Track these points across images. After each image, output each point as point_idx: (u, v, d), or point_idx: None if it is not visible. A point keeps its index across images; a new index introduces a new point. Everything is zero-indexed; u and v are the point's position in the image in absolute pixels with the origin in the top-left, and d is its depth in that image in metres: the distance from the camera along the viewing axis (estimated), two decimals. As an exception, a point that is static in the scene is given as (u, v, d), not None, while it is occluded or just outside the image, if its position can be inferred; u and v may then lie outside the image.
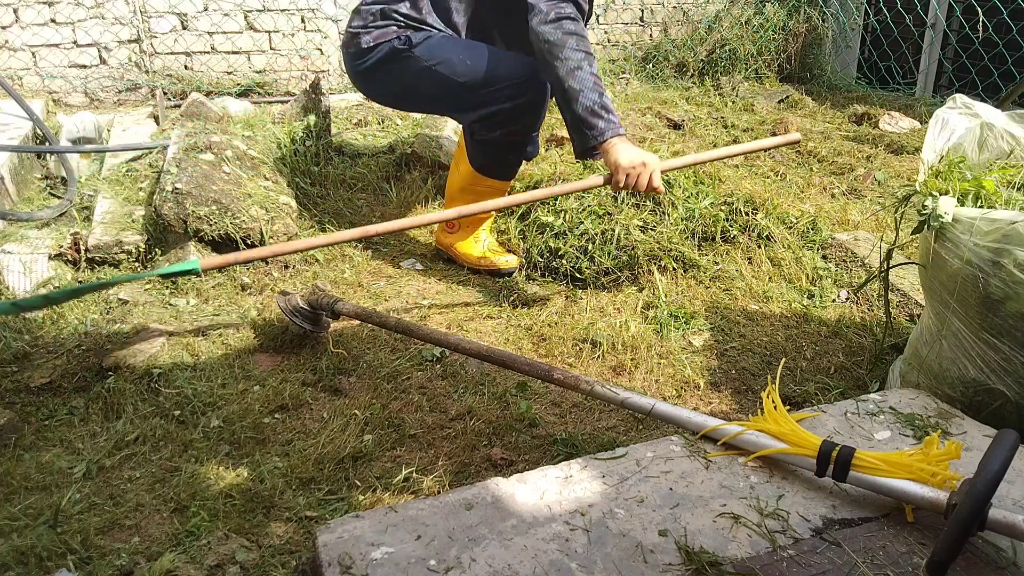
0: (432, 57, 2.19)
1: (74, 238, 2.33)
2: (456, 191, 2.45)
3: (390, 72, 2.26)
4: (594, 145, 1.95)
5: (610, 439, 1.67)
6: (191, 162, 2.42)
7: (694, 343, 2.08)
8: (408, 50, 2.20)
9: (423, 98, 2.32)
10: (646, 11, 5.07)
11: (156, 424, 1.65)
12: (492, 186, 2.41)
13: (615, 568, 1.01)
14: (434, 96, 2.27)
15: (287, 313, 1.94)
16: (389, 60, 2.22)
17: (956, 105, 1.72)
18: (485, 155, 2.33)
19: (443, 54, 2.19)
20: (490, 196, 2.39)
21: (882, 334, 2.02)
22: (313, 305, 1.93)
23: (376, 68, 2.25)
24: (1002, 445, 1.03)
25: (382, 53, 2.22)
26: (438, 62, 2.18)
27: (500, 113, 2.20)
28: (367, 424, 1.70)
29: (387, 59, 2.22)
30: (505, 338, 2.10)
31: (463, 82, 2.17)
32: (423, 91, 2.26)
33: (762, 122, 3.87)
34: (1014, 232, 1.32)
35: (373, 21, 2.23)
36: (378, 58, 2.23)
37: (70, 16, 3.81)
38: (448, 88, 2.19)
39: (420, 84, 2.24)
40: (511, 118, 2.21)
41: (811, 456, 1.17)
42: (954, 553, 0.99)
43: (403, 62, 2.21)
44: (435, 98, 2.30)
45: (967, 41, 4.30)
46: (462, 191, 2.43)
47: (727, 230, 2.45)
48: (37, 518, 1.38)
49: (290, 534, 1.38)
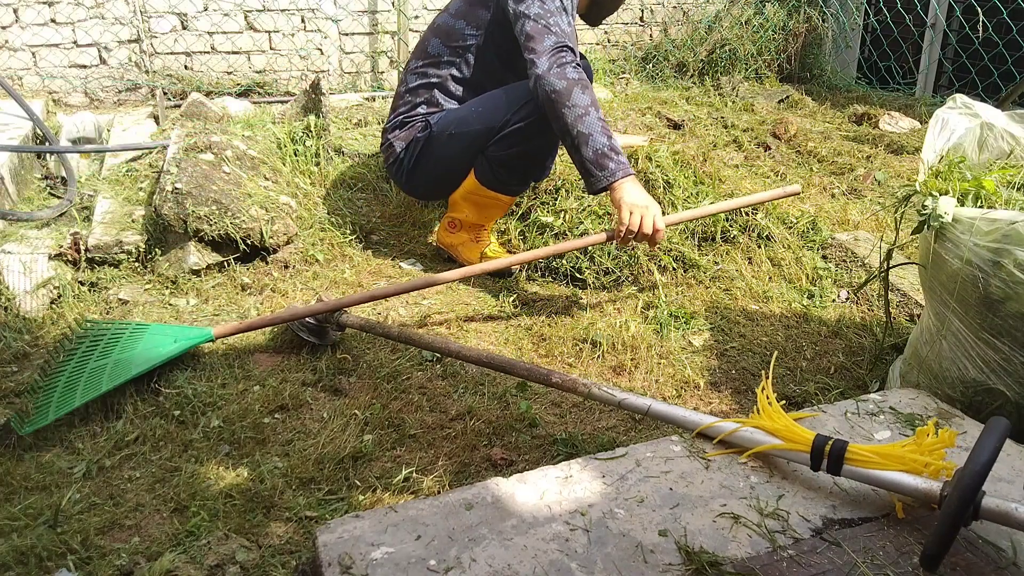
0: (448, 124, 2.35)
1: (74, 238, 2.33)
2: (458, 196, 2.46)
3: (425, 161, 2.43)
4: (606, 186, 2.01)
5: (610, 439, 1.67)
6: (191, 162, 2.42)
7: (694, 343, 2.08)
8: (428, 133, 2.38)
9: (457, 163, 2.41)
10: (646, 11, 5.07)
11: (156, 424, 1.65)
12: (496, 198, 2.41)
13: (615, 568, 1.01)
14: (464, 155, 2.38)
15: (293, 327, 1.95)
16: (421, 151, 2.40)
17: (956, 105, 1.72)
18: (493, 172, 2.35)
19: (456, 116, 2.36)
20: (493, 206, 2.45)
21: (882, 334, 2.02)
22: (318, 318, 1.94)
23: (416, 164, 2.43)
24: (992, 433, 1.02)
25: (416, 149, 2.41)
26: (455, 126, 2.35)
27: (515, 133, 2.25)
28: (367, 424, 1.70)
29: (419, 151, 2.40)
30: (505, 338, 2.10)
31: (480, 129, 2.30)
32: (455, 157, 2.39)
33: (762, 122, 3.87)
34: (1014, 232, 1.32)
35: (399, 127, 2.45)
36: (414, 154, 2.42)
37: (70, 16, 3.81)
38: (471, 140, 2.32)
39: (449, 154, 2.38)
40: (526, 137, 2.26)
41: (805, 451, 1.17)
42: (946, 545, 0.99)
43: (429, 145, 2.39)
44: (466, 156, 2.38)
45: (967, 41, 4.30)
46: (465, 199, 2.44)
47: (727, 230, 2.45)
48: (37, 518, 1.38)
49: (290, 534, 1.38)
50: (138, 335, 1.88)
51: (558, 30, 2.09)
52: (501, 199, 2.42)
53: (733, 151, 3.49)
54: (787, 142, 3.61)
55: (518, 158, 2.30)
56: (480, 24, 2.36)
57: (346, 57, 4.35)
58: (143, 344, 1.84)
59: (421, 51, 2.46)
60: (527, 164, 2.34)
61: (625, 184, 1.99)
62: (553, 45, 2.07)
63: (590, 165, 2.01)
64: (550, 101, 2.04)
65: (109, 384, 1.69)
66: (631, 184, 1.99)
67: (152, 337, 1.87)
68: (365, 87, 4.40)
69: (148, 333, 1.89)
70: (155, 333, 1.89)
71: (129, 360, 1.78)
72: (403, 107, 2.47)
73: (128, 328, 1.91)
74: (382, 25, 4.34)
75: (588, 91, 2.04)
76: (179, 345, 1.83)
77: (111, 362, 1.77)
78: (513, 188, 2.40)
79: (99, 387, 1.68)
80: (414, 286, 2.02)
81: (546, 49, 2.06)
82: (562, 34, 2.10)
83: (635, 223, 1.95)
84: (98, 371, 1.75)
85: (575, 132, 2.01)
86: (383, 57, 4.40)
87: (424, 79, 2.43)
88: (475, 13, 2.36)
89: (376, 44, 4.38)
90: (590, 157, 2.00)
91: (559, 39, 2.08)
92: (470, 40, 2.38)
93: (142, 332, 1.90)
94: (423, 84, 2.43)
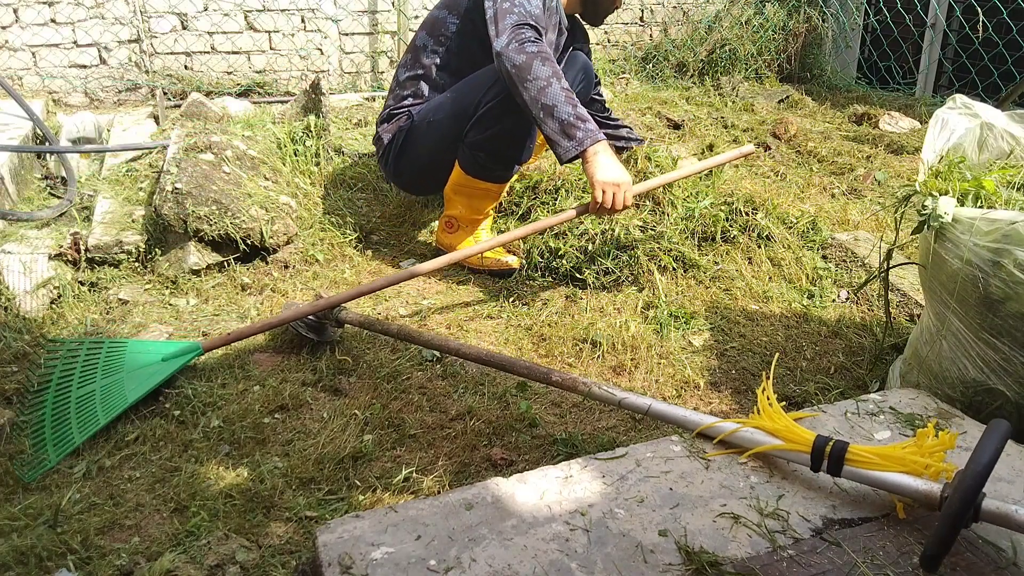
0: (427, 113, 2.40)
1: (74, 238, 2.33)
2: (450, 191, 2.46)
3: (409, 151, 2.45)
4: (576, 155, 2.01)
5: (610, 439, 1.67)
6: (191, 162, 2.42)
7: (694, 343, 2.08)
8: (411, 124, 2.43)
9: (438, 151, 2.41)
10: (646, 11, 5.07)
11: (156, 424, 1.65)
12: (486, 188, 2.42)
13: (615, 568, 1.01)
14: (443, 143, 2.38)
15: (291, 325, 1.95)
16: (404, 141, 2.45)
17: (956, 105, 1.72)
18: (475, 160, 2.35)
19: (434, 104, 2.40)
20: (485, 197, 2.45)
21: (882, 334, 2.02)
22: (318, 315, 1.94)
23: (399, 156, 2.46)
24: (993, 435, 1.02)
25: (400, 139, 2.45)
26: (432, 114, 2.38)
27: (487, 114, 2.26)
28: (367, 424, 1.70)
29: (403, 141, 2.44)
30: (505, 338, 2.10)
31: (454, 112, 2.32)
32: (435, 145, 2.40)
33: (762, 122, 3.86)
34: (1014, 232, 1.32)
35: (387, 120, 2.49)
36: (398, 144, 2.45)
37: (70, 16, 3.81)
38: (448, 126, 2.34)
39: (428, 142, 2.40)
40: (498, 116, 2.25)
41: (805, 452, 1.17)
42: (946, 546, 0.99)
43: (411, 134, 2.43)
44: (445, 144, 2.39)
45: (967, 41, 4.30)
46: (456, 192, 2.44)
47: (727, 230, 2.45)
48: (37, 518, 1.38)
49: (290, 534, 1.38)
50: (116, 353, 1.79)
51: (521, 10, 2.10)
52: (489, 188, 2.42)
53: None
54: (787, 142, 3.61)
55: (495, 139, 2.29)
56: (459, 12, 2.38)
57: (346, 57, 4.35)
58: (127, 363, 1.75)
59: (411, 45, 2.48)
60: (505, 145, 2.32)
61: (597, 156, 1.99)
62: (514, 23, 2.07)
63: (558, 136, 2.00)
64: (511, 77, 2.04)
65: (106, 416, 1.62)
66: (603, 155, 1.99)
67: (135, 356, 1.77)
68: (365, 87, 4.40)
69: (128, 352, 1.79)
70: (136, 351, 1.80)
71: (119, 385, 1.70)
72: (392, 100, 2.49)
73: (102, 346, 1.82)
74: (382, 25, 4.34)
75: (549, 63, 2.03)
76: (170, 365, 1.76)
77: (97, 388, 1.70)
78: (498, 174, 2.39)
79: (96, 420, 1.62)
80: (396, 279, 2.01)
81: (506, 27, 2.07)
82: (525, 14, 2.10)
83: (608, 201, 1.99)
84: (86, 400, 1.67)
85: (539, 104, 2.01)
86: (383, 57, 4.40)
87: (410, 71, 2.46)
88: (456, 2, 2.38)
89: (376, 44, 4.38)
90: (555, 128, 2.00)
91: (521, 18, 2.09)
92: (452, 28, 2.40)
93: (120, 350, 1.80)
94: (410, 76, 2.46)
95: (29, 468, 1.52)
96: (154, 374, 1.74)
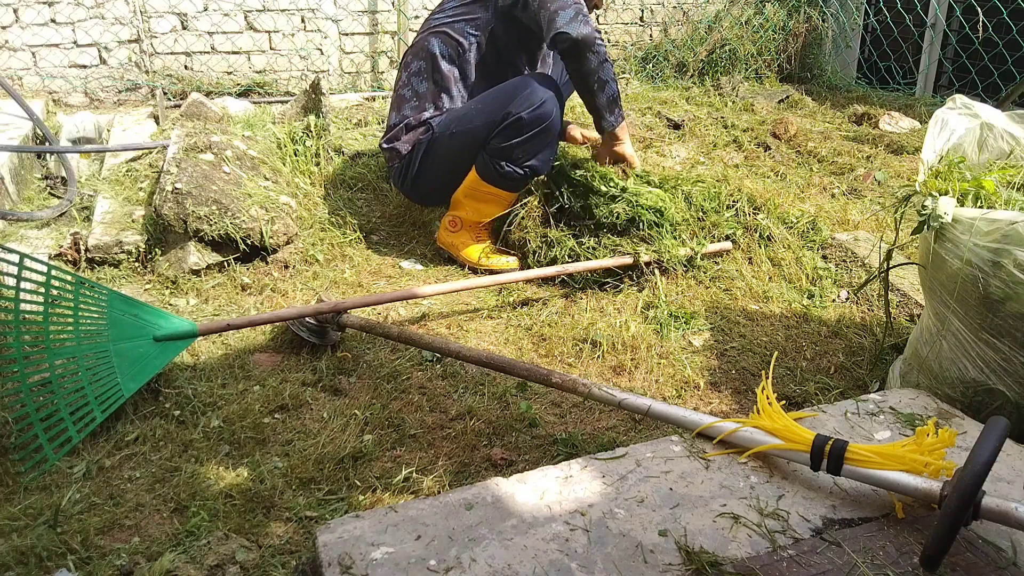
0: (450, 124, 2.42)
1: (74, 238, 2.33)
2: (459, 193, 2.46)
3: (429, 163, 2.46)
4: (612, 129, 2.37)
5: (610, 439, 1.67)
6: (191, 162, 2.42)
7: (694, 343, 2.08)
8: (431, 136, 2.44)
9: (459, 161, 2.43)
10: (646, 11, 5.07)
11: (156, 424, 1.65)
12: (496, 194, 2.42)
13: (615, 568, 1.01)
14: (465, 152, 2.41)
15: (293, 327, 1.95)
16: (424, 153, 2.45)
17: (956, 105, 1.72)
18: (494, 165, 2.37)
19: (457, 115, 2.42)
20: (494, 201, 2.46)
21: (882, 334, 2.02)
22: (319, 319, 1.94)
23: (420, 169, 2.47)
24: (992, 433, 1.02)
25: (419, 151, 2.46)
26: (456, 124, 2.40)
27: (516, 124, 2.30)
28: (367, 424, 1.70)
29: (423, 154, 2.45)
30: (505, 338, 2.10)
31: (481, 124, 2.35)
32: (457, 155, 2.42)
33: (762, 122, 3.86)
34: (1014, 232, 1.32)
35: (404, 132, 2.48)
36: (418, 157, 2.46)
37: (70, 16, 3.81)
38: (473, 136, 2.37)
39: (451, 153, 2.42)
40: (526, 127, 2.30)
41: (805, 451, 1.17)
42: (946, 545, 0.99)
43: (432, 146, 2.44)
44: (467, 154, 2.41)
45: (967, 41, 4.30)
46: (466, 195, 2.45)
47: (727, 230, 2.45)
48: (37, 518, 1.38)
49: (290, 534, 1.38)
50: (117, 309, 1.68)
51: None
52: (501, 195, 2.43)
53: (733, 151, 3.49)
54: (787, 142, 3.61)
55: (517, 148, 2.32)
56: (480, 25, 2.41)
57: (346, 57, 4.35)
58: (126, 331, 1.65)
59: (422, 53, 2.47)
60: (526, 155, 2.35)
61: (625, 132, 2.42)
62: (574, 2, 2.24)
63: (603, 110, 2.34)
64: (576, 45, 2.21)
65: (128, 388, 1.57)
66: (625, 133, 2.43)
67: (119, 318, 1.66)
68: (365, 87, 4.40)
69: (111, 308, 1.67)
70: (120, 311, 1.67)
71: (130, 355, 1.62)
72: (409, 111, 2.48)
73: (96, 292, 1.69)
74: (382, 25, 4.34)
75: (601, 42, 2.26)
76: (166, 349, 1.71)
77: (112, 352, 1.59)
78: (512, 183, 2.40)
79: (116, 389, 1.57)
80: (398, 296, 2.05)
81: (568, 4, 2.22)
82: (579, 2, 2.26)
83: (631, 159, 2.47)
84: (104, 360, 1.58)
85: (596, 77, 2.27)
86: (383, 57, 4.40)
87: (427, 81, 2.46)
88: (474, 13, 2.41)
89: (376, 44, 4.38)
90: (604, 103, 2.32)
91: (578, 5, 2.24)
92: (472, 40, 2.42)
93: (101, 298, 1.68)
94: (427, 87, 2.46)
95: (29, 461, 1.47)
96: (149, 358, 1.65)
